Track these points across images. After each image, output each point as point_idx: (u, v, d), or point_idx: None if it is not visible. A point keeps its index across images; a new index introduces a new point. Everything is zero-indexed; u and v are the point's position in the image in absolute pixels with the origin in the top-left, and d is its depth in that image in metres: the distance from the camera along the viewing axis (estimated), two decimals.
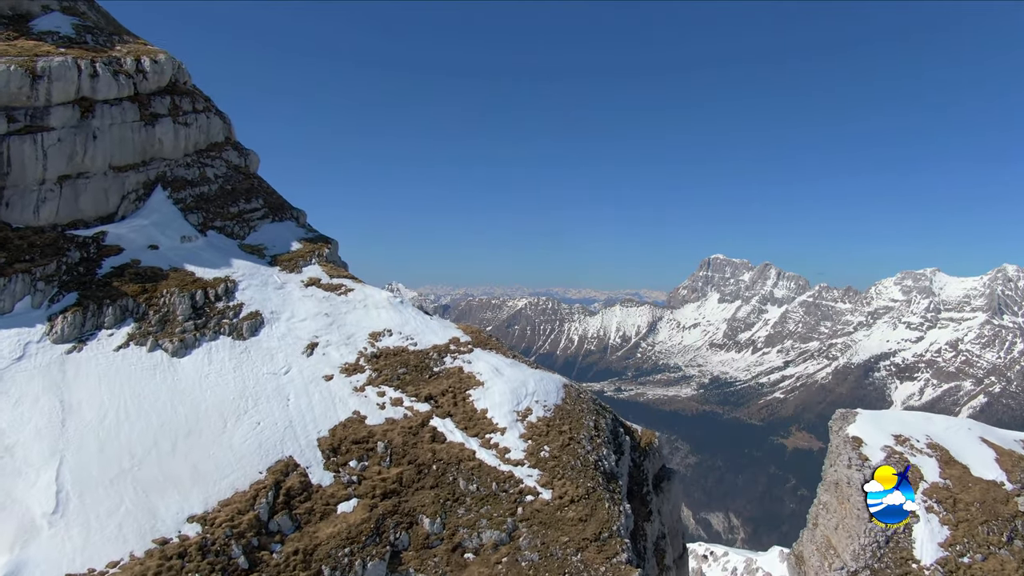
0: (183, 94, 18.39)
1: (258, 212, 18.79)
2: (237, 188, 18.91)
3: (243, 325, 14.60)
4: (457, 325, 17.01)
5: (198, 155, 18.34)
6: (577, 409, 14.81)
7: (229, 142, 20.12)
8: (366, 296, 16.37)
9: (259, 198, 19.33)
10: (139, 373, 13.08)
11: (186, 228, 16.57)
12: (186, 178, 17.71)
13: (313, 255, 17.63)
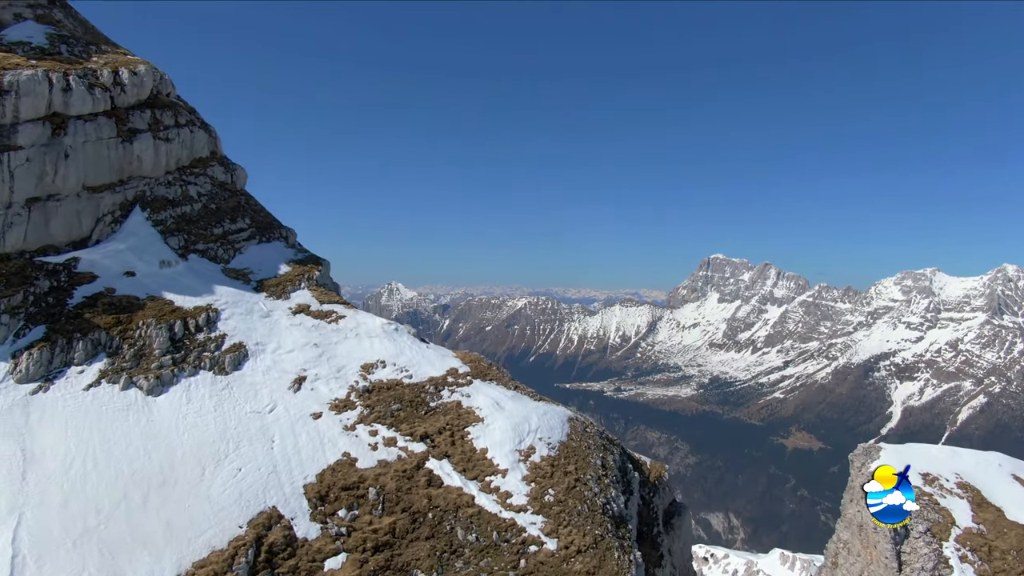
0: (165, 107, 17.29)
1: (244, 233, 17.70)
2: (222, 207, 17.82)
3: (225, 358, 13.61)
4: (455, 353, 16.02)
5: (180, 172, 17.24)
6: (583, 446, 13.92)
7: (215, 157, 19.01)
8: (358, 324, 15.37)
9: (246, 217, 18.22)
10: (110, 415, 12.10)
11: (165, 252, 15.48)
12: (167, 198, 16.58)
13: (302, 279, 16.57)
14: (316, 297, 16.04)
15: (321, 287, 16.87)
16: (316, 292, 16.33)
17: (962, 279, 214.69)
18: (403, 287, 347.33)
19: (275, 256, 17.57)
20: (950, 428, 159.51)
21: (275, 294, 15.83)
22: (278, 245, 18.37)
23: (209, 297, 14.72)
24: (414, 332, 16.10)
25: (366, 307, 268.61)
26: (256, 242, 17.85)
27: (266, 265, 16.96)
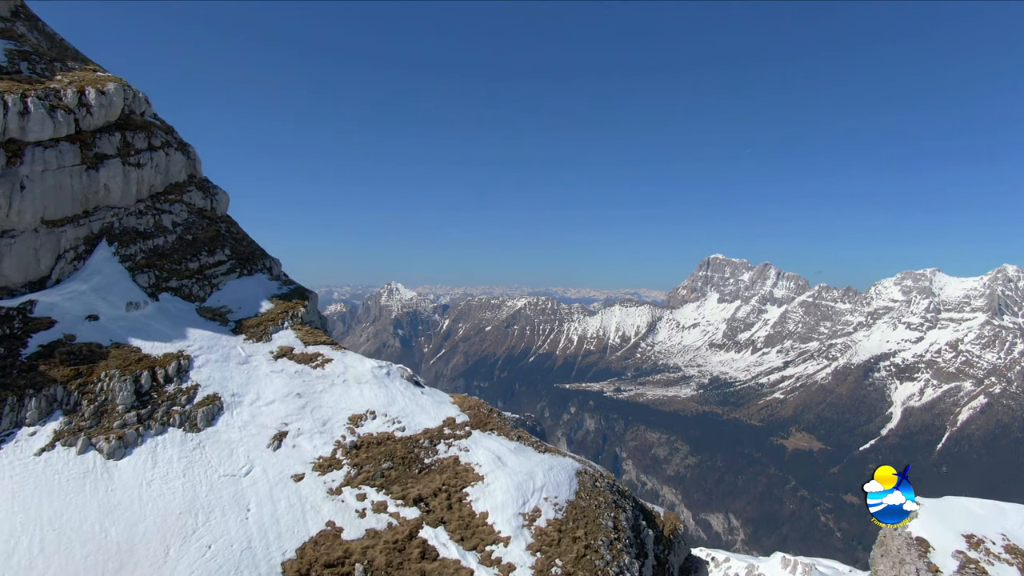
0: (137, 128, 15.87)
1: (223, 266, 16.28)
2: (199, 237, 16.41)
3: (197, 413, 12.33)
4: (452, 398, 14.65)
5: (153, 200, 15.82)
6: (593, 504, 12.71)
7: (193, 181, 17.57)
8: (346, 368, 14.05)
9: (225, 248, 16.80)
10: (64, 484, 10.81)
11: (133, 292, 14.04)
12: (137, 229, 15.13)
13: (286, 317, 15.20)
14: (300, 338, 14.70)
15: (306, 325, 15.50)
16: (300, 332, 14.97)
17: (962, 279, 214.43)
18: (403, 287, 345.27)
19: (257, 291, 16.15)
20: (950, 429, 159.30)
21: (255, 336, 14.46)
22: (261, 278, 16.94)
23: (181, 342, 13.33)
24: (408, 375, 14.75)
25: (366, 307, 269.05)
26: (236, 276, 16.42)
27: (246, 302, 15.58)
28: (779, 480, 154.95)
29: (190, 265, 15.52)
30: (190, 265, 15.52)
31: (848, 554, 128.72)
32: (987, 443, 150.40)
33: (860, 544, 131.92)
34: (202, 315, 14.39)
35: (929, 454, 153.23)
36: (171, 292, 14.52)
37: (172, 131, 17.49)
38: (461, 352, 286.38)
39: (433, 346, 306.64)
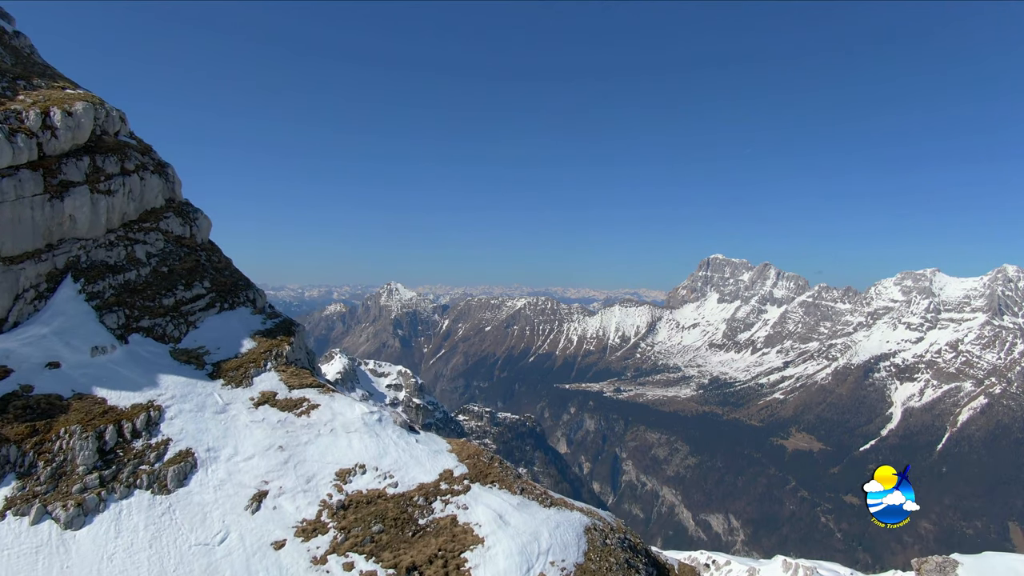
0: (109, 151, 14.55)
1: (201, 300, 14.99)
2: (176, 269, 15.11)
3: (168, 472, 11.10)
4: (450, 445, 13.45)
5: (126, 229, 14.51)
6: (604, 567, 11.62)
7: (171, 206, 16.24)
8: (334, 415, 12.85)
9: (205, 280, 15.50)
10: (14, 562, 9.65)
11: (100, 334, 12.70)
12: (107, 263, 13.82)
13: (269, 357, 13.96)
14: (284, 381, 13.50)
15: (292, 365, 14.26)
16: (285, 374, 13.75)
17: (962, 279, 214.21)
18: (402, 287, 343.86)
19: (238, 328, 14.89)
20: (951, 429, 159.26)
21: (234, 380, 13.23)
22: (243, 312, 15.65)
23: (152, 391, 12.09)
24: (401, 420, 13.57)
25: (365, 307, 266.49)
26: (216, 311, 15.14)
27: (226, 341, 14.35)
28: (779, 481, 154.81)
29: (165, 301, 14.23)
30: (165, 301, 14.23)
31: (848, 555, 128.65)
32: (987, 443, 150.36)
33: (860, 545, 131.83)
34: (177, 358, 13.16)
35: (929, 454, 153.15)
36: (143, 333, 13.23)
37: (149, 151, 16.14)
38: (461, 352, 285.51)
39: (433, 346, 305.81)
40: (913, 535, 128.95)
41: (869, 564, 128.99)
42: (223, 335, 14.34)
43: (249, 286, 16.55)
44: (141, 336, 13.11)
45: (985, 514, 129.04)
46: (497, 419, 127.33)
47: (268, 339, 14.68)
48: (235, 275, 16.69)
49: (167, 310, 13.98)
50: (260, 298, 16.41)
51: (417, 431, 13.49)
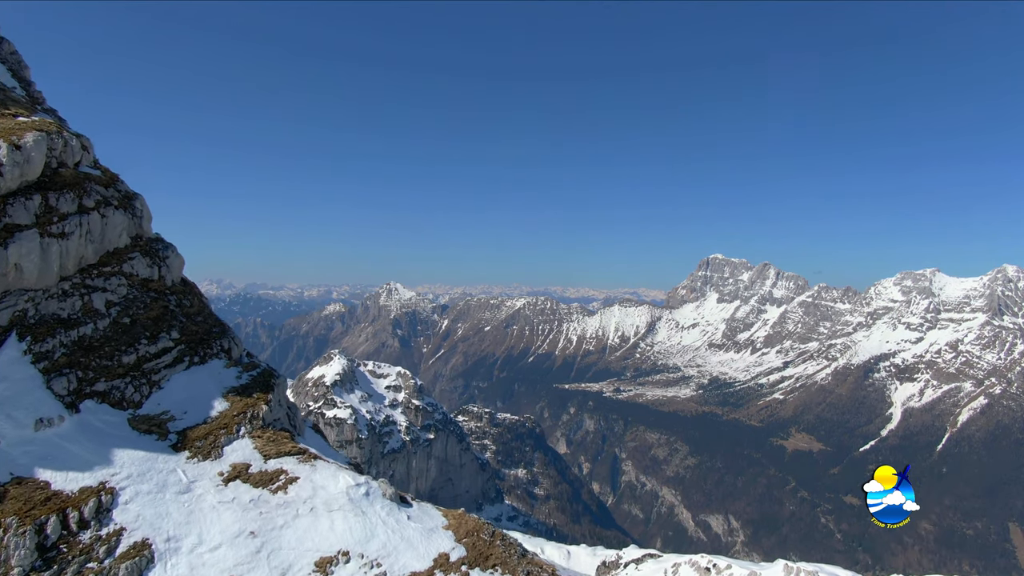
0: (65, 187, 12.92)
1: (168, 355, 13.42)
2: (140, 319, 13.47)
3: (119, 570, 9.44)
4: (446, 520, 12.08)
5: (83, 275, 12.86)
6: None
7: (138, 244, 14.48)
8: (315, 491, 11.39)
9: (172, 330, 13.88)
10: None
11: (47, 403, 10.95)
12: (59, 316, 12.02)
13: (243, 420, 12.45)
14: (260, 448, 12.06)
15: (269, 428, 12.78)
16: (261, 440, 12.29)
17: (962, 280, 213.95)
18: (401, 287, 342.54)
19: (208, 386, 13.34)
20: (951, 430, 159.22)
21: (202, 452, 11.72)
22: (215, 367, 14.08)
23: (105, 470, 10.38)
24: (391, 493, 12.17)
25: (364, 307, 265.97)
26: (184, 366, 13.55)
27: (194, 403, 12.83)
28: (779, 481, 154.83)
29: (125, 359, 12.70)
30: (125, 359, 12.70)
31: (848, 555, 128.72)
32: (987, 444, 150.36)
33: (860, 546, 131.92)
34: (136, 428, 11.68)
35: (929, 455, 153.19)
36: (97, 398, 11.66)
37: (115, 182, 14.51)
38: (460, 352, 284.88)
39: (432, 346, 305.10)
40: (913, 536, 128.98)
41: (869, 565, 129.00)
42: (191, 395, 12.79)
43: (224, 333, 14.95)
44: (95, 403, 11.47)
45: (985, 515, 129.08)
46: (496, 420, 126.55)
47: (243, 398, 13.18)
48: (208, 320, 15.10)
49: (127, 369, 12.36)
50: (236, 347, 14.85)
51: (409, 502, 12.11)
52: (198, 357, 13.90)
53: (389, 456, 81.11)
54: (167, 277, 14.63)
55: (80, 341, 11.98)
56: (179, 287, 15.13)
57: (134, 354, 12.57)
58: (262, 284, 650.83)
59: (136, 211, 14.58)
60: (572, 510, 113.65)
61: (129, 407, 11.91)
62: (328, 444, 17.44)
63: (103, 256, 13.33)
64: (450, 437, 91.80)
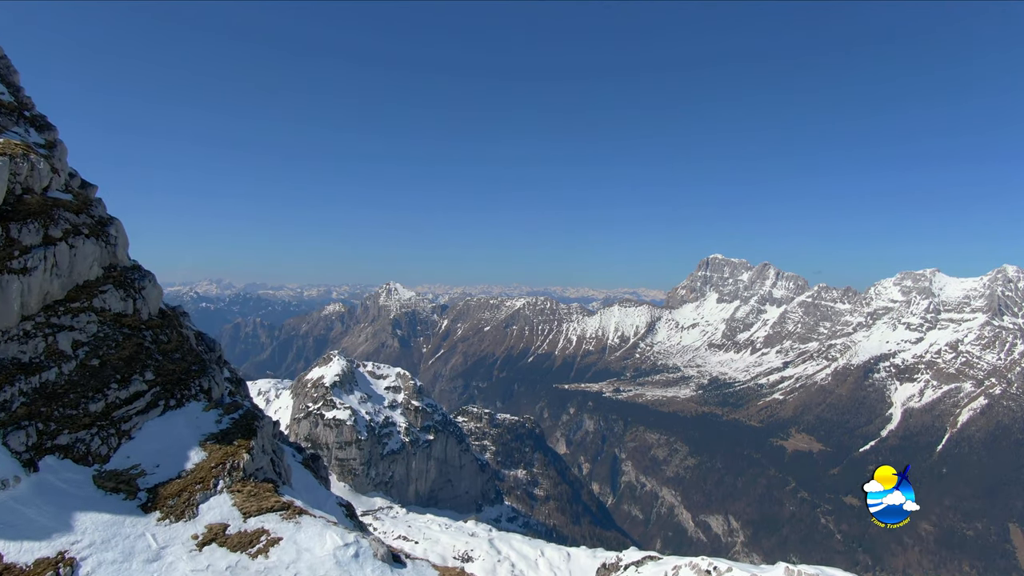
0: (30, 215, 11.60)
1: (141, 399, 12.08)
2: (110, 360, 11.75)
3: None
4: None
5: (48, 313, 11.14)
6: None
7: (111, 275, 12.70)
8: (299, 554, 9.67)
9: (147, 370, 12.50)
10: None
11: (1, 463, 9.44)
12: (19, 361, 10.50)
13: (222, 472, 11.14)
14: (240, 504, 10.87)
15: (251, 480, 11.57)
16: (241, 495, 11.07)
17: (962, 280, 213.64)
18: (401, 287, 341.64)
19: (184, 433, 12.07)
20: (951, 430, 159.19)
21: (174, 512, 10.16)
22: (193, 410, 12.78)
23: (64, 537, 8.92)
24: (382, 553, 11.09)
25: (364, 307, 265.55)
26: (159, 412, 12.27)
27: (168, 454, 11.59)
28: (779, 482, 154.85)
29: (92, 407, 11.45)
30: (92, 407, 11.45)
31: (848, 556, 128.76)
32: (987, 444, 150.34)
33: (860, 546, 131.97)
34: (102, 486, 10.52)
35: (929, 455, 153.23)
36: (59, 454, 10.41)
37: (87, 207, 13.24)
38: (460, 352, 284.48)
39: (432, 346, 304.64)
40: (913, 536, 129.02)
41: (869, 565, 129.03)
42: (165, 446, 11.60)
43: (204, 370, 13.66)
44: (56, 459, 10.22)
45: (985, 515, 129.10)
46: (496, 420, 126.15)
47: (222, 446, 12.04)
48: (188, 357, 13.80)
49: (94, 419, 11.09)
50: (216, 386, 13.60)
51: (402, 561, 11.10)
52: (174, 400, 12.67)
53: (388, 457, 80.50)
54: (143, 310, 13.42)
55: (42, 388, 10.88)
56: (156, 320, 13.90)
57: (102, 401, 11.37)
58: (262, 284, 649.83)
59: (110, 239, 13.39)
60: (572, 511, 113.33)
61: (95, 462, 10.78)
62: (318, 482, 16.39)
63: (71, 291, 12.18)
64: (450, 438, 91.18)
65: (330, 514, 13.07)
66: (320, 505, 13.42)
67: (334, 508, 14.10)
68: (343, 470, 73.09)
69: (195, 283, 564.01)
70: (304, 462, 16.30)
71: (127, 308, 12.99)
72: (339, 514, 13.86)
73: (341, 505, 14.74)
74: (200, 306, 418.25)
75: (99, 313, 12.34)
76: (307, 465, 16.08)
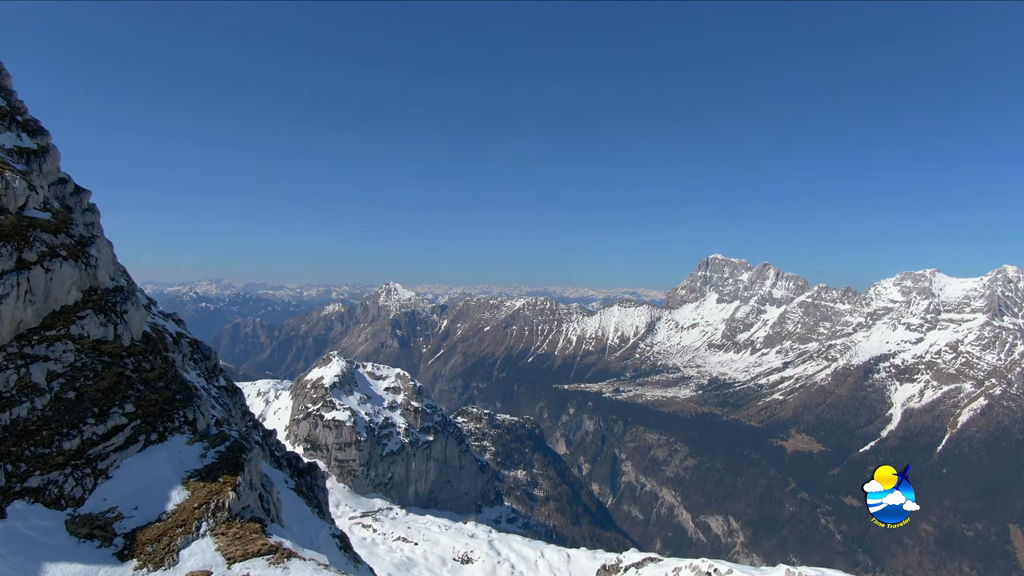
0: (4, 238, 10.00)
1: (119, 435, 10.90)
2: (88, 392, 10.75)
3: None
4: None
5: (21, 343, 10.49)
6: None
7: (91, 299, 11.20)
8: None
9: (127, 401, 11.29)
10: None
11: None
12: None
13: (205, 513, 10.04)
14: (224, 549, 9.81)
15: (237, 520, 10.62)
16: (226, 539, 9.99)
17: (961, 280, 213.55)
18: (401, 287, 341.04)
19: (166, 470, 10.95)
20: (951, 431, 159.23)
21: (153, 559, 9.23)
22: (175, 444, 11.63)
23: None
24: None
25: (364, 307, 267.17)
26: (139, 447, 11.11)
27: (148, 494, 10.53)
28: (779, 482, 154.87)
29: (66, 444, 10.47)
30: (66, 444, 10.47)
31: (848, 557, 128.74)
32: (987, 445, 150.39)
33: (860, 547, 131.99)
34: (75, 532, 9.62)
35: (929, 456, 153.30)
36: (29, 498, 9.35)
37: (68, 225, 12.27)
38: (460, 352, 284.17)
39: (431, 346, 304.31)
40: (913, 537, 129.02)
41: (869, 566, 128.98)
42: (145, 485, 10.68)
43: (189, 399, 12.57)
44: (26, 503, 9.23)
45: (986, 516, 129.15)
46: (496, 421, 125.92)
47: (206, 483, 11.16)
48: (172, 385, 12.84)
49: (68, 457, 10.17)
50: (202, 416, 12.62)
51: None
52: (156, 434, 11.64)
53: (388, 458, 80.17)
54: (125, 336, 12.57)
55: (13, 426, 9.95)
56: (139, 346, 12.98)
57: (77, 438, 10.33)
58: (261, 284, 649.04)
59: (90, 259, 12.34)
60: (572, 511, 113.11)
61: (68, 505, 9.97)
62: (311, 510, 15.73)
63: (47, 318, 11.35)
64: (449, 439, 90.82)
65: (323, 549, 12.42)
66: (312, 540, 12.75)
67: (327, 541, 13.44)
68: (343, 471, 72.65)
69: (195, 283, 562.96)
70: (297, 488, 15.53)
71: (107, 334, 12.11)
72: (332, 548, 13.21)
73: (335, 536, 14.08)
74: (200, 306, 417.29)
75: (76, 341, 11.48)
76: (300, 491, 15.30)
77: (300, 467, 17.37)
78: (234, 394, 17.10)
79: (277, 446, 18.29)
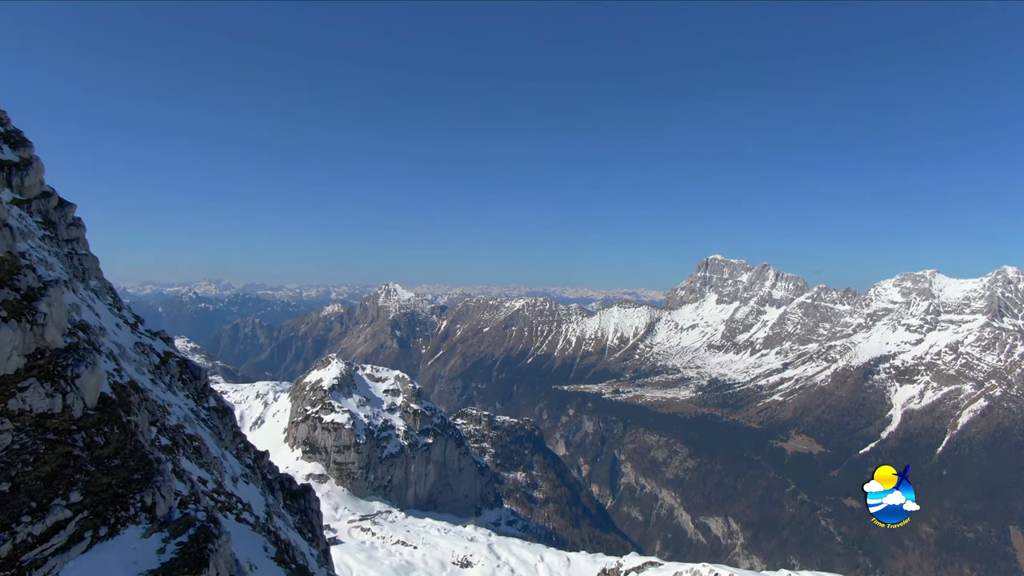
0: None
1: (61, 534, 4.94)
2: (26, 481, 4.42)
3: None
4: None
5: None
6: None
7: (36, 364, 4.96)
8: None
9: (75, 488, 6.09)
10: None
11: None
12: None
13: None
14: None
15: None
16: None
17: (961, 281, 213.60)
18: (400, 288, 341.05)
19: (116, 573, 7.04)
20: (951, 432, 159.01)
21: None
22: (129, 538, 7.26)
23: None
24: None
25: (363, 308, 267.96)
26: (84, 546, 6.78)
27: None
28: (779, 483, 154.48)
29: None
30: None
31: (848, 558, 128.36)
32: (987, 446, 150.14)
33: (860, 549, 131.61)
34: None
35: (929, 457, 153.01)
36: None
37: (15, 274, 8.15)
38: (459, 353, 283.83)
39: (431, 347, 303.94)
40: (913, 538, 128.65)
41: (869, 568, 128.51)
42: None
43: (148, 479, 7.69)
44: None
45: (986, 517, 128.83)
46: (496, 423, 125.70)
47: None
48: (129, 461, 7.93)
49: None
50: (164, 498, 8.03)
51: None
52: (106, 527, 7.47)
53: (387, 461, 79.96)
54: (75, 405, 8.47)
55: None
56: (92, 417, 8.70)
57: (9, 542, 6.77)
58: (261, 284, 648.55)
59: (37, 317, 8.67)
60: (571, 513, 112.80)
61: None
62: None
63: None
64: (449, 441, 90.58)
65: None
66: None
67: None
68: (342, 474, 72.58)
69: (194, 283, 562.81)
70: (278, 556, 12.37)
71: (54, 406, 8.41)
72: None
73: None
74: (199, 307, 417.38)
75: (15, 418, 7.88)
76: (281, 560, 12.36)
77: (293, 490, 16.29)
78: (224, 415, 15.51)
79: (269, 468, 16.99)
